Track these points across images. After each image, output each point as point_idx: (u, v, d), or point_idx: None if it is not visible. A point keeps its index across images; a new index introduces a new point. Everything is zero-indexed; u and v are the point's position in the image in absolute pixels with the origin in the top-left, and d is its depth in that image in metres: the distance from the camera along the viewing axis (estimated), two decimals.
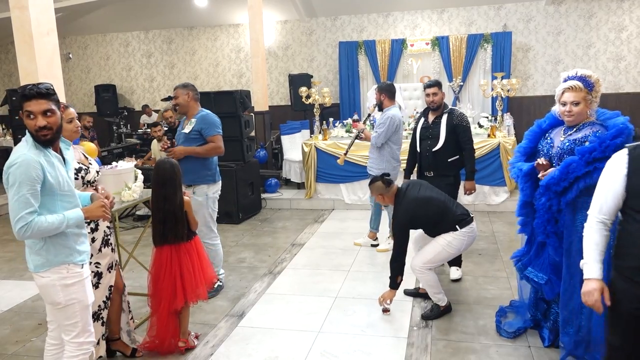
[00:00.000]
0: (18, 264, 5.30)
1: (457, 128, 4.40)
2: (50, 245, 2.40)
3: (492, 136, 6.70)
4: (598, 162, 2.78)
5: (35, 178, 2.28)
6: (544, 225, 3.07)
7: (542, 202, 3.03)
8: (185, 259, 3.38)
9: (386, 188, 3.82)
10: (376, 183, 3.86)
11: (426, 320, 3.77)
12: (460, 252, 3.88)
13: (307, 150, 7.23)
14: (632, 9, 9.73)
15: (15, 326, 3.97)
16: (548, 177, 2.97)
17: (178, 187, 3.38)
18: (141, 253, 4.94)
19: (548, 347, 3.29)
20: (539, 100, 10.22)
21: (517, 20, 10.17)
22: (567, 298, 3.06)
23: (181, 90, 4.28)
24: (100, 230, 3.14)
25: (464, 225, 3.68)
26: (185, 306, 3.43)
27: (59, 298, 2.43)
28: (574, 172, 2.86)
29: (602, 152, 2.77)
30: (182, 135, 4.31)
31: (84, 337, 2.51)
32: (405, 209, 3.69)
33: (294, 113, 10.36)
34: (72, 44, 12.58)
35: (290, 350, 3.43)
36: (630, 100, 9.80)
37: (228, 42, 11.72)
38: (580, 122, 3.02)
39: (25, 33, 4.37)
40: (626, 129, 2.81)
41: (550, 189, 2.97)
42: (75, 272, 2.45)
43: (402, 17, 10.67)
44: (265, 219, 6.92)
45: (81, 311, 2.49)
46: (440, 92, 4.47)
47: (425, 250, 3.78)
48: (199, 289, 3.41)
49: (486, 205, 6.76)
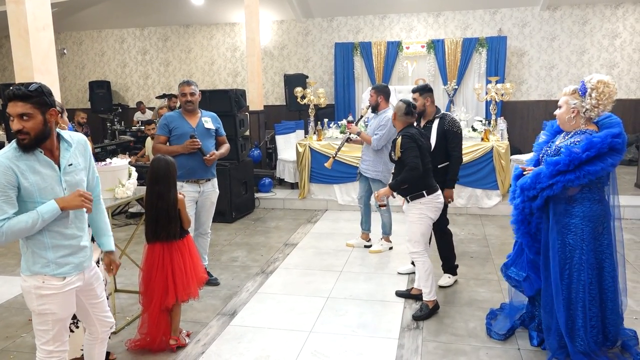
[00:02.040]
0: (9, 259, 5.28)
1: (447, 133, 4.28)
2: (29, 253, 2.34)
3: (486, 140, 6.74)
4: (561, 175, 2.89)
5: (6, 184, 2.19)
6: (519, 224, 3.21)
7: (517, 203, 3.17)
8: (176, 257, 3.38)
9: (405, 114, 3.88)
10: (401, 104, 3.91)
11: (417, 321, 3.80)
12: (434, 219, 3.90)
13: (301, 151, 7.24)
14: (625, 16, 9.82)
15: (5, 322, 3.95)
16: (522, 181, 3.11)
17: (172, 185, 3.38)
18: (133, 250, 4.93)
19: (537, 346, 3.32)
20: (533, 105, 10.30)
21: (512, 25, 10.24)
22: (546, 302, 3.14)
23: (196, 89, 4.37)
24: None
25: (430, 192, 3.81)
26: (177, 304, 3.42)
27: (32, 305, 2.36)
28: (540, 182, 2.98)
29: (567, 165, 2.87)
30: (204, 131, 4.36)
31: (54, 346, 2.41)
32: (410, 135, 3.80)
33: (289, 113, 10.37)
34: (66, 40, 12.52)
35: (281, 349, 3.44)
36: (622, 106, 9.86)
37: (224, 40, 11.71)
38: (573, 129, 3.04)
39: (21, 27, 4.34)
40: (599, 143, 2.84)
41: (524, 192, 3.09)
42: (51, 284, 2.34)
43: (398, 19, 10.71)
44: (259, 219, 6.92)
45: (54, 322, 2.38)
46: (420, 99, 4.32)
47: (408, 229, 3.89)
48: (191, 287, 3.41)
49: (478, 209, 6.80)
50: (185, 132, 4.29)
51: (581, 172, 2.85)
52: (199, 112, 4.41)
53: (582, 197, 2.99)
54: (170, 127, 4.33)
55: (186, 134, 4.27)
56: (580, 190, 2.97)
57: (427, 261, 3.86)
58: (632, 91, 10.01)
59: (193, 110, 4.37)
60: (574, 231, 3.01)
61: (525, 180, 3.08)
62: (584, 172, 2.84)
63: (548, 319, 3.14)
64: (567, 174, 2.87)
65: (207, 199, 4.42)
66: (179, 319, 3.51)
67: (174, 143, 4.33)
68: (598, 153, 2.83)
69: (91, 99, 11.79)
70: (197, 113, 4.39)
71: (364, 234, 5.54)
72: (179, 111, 4.41)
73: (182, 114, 4.37)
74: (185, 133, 4.28)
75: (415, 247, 3.85)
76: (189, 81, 4.35)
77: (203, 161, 4.29)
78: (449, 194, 4.33)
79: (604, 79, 2.91)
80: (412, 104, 3.96)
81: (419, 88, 4.41)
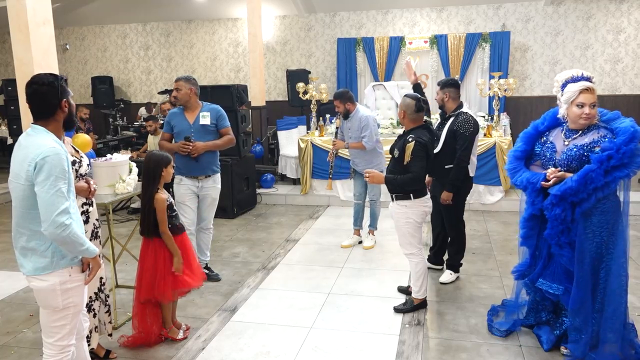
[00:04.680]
0: (11, 254, 5.27)
1: (456, 134, 4.10)
2: (54, 249, 2.33)
3: (488, 135, 6.71)
4: (617, 170, 2.72)
5: (66, 171, 2.27)
6: (558, 236, 2.94)
7: (556, 213, 2.89)
8: (151, 255, 3.33)
9: (415, 112, 3.59)
10: (409, 101, 3.60)
11: (396, 312, 3.81)
12: (422, 222, 3.75)
13: (303, 146, 7.23)
14: (630, 11, 9.74)
15: (6, 317, 3.96)
16: (563, 187, 2.84)
17: (151, 180, 3.30)
18: (134, 246, 4.92)
19: (547, 351, 3.23)
20: (536, 100, 10.24)
21: (516, 20, 10.17)
22: (579, 306, 2.98)
23: (184, 84, 4.26)
24: (90, 223, 3.12)
25: (417, 196, 3.62)
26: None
27: (57, 302, 2.35)
28: (592, 182, 2.75)
29: (620, 159, 2.70)
30: (200, 128, 4.29)
31: (68, 340, 2.44)
32: (424, 143, 3.53)
33: (291, 109, 10.34)
34: (69, 35, 12.51)
35: (282, 345, 3.43)
36: (627, 102, 9.83)
37: (226, 36, 11.68)
38: (585, 126, 2.94)
39: (21, 22, 4.33)
40: (636, 132, 2.75)
41: (565, 200, 2.84)
42: (77, 276, 2.40)
43: (401, 14, 10.66)
44: (260, 214, 6.91)
45: (73, 316, 2.43)
46: (440, 93, 4.20)
47: (398, 237, 3.80)
48: (161, 289, 3.30)
49: (481, 205, 6.77)
50: (183, 129, 4.29)
51: (634, 165, 2.73)
52: (199, 107, 4.38)
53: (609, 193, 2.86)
54: (171, 123, 4.35)
55: (184, 131, 4.28)
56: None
57: (420, 262, 3.76)
58: (637, 86, 9.94)
59: (182, 105, 4.34)
60: (606, 227, 2.87)
61: (570, 185, 2.81)
62: (636, 165, 2.73)
63: (579, 323, 2.99)
64: (622, 169, 2.71)
65: (208, 194, 4.40)
66: (170, 312, 3.50)
67: (176, 139, 4.36)
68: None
69: (93, 94, 11.78)
70: (196, 108, 4.37)
71: (356, 230, 5.52)
72: (182, 107, 4.40)
73: (184, 110, 4.37)
74: (183, 130, 4.29)
75: (408, 249, 3.76)
76: (178, 77, 4.32)
77: (198, 159, 4.25)
78: (447, 197, 4.17)
79: (587, 73, 2.93)
80: (420, 98, 3.64)
81: (441, 82, 4.25)
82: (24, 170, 2.25)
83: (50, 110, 2.35)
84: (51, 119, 2.36)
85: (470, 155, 4.19)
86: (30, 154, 2.24)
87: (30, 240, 2.33)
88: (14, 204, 2.36)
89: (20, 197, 2.29)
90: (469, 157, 4.18)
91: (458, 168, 4.14)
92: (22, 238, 2.36)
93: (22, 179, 2.26)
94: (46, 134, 2.32)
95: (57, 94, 2.34)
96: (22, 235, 2.36)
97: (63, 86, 2.38)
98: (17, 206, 2.33)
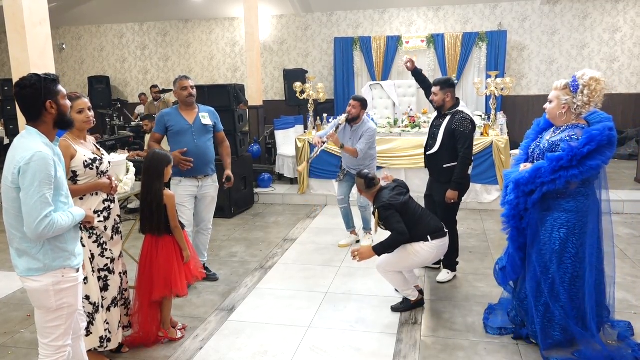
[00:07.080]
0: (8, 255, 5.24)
1: (455, 133, 4.09)
2: (49, 249, 2.32)
3: (485, 135, 6.72)
4: (564, 170, 2.90)
5: (52, 176, 2.24)
6: (509, 218, 3.21)
7: (510, 199, 3.15)
8: (163, 252, 3.34)
9: (367, 188, 3.82)
10: (360, 180, 3.84)
11: (393, 311, 3.83)
12: (426, 263, 3.82)
13: (300, 146, 7.23)
14: (626, 10, 9.77)
15: (3, 317, 3.95)
16: (519, 175, 3.07)
17: (156, 178, 3.32)
18: (132, 246, 4.93)
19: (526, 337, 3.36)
20: (533, 99, 10.27)
21: (513, 19, 10.20)
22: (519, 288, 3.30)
23: (192, 83, 4.35)
24: (112, 219, 3.14)
25: (435, 237, 3.66)
26: (167, 297, 3.41)
27: (50, 303, 2.35)
28: (540, 177, 2.98)
29: (569, 161, 2.87)
30: (201, 127, 4.31)
31: (63, 340, 2.43)
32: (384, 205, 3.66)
33: (288, 108, 10.35)
34: (65, 35, 12.49)
35: (279, 345, 3.44)
36: (623, 101, 9.87)
37: (223, 35, 11.67)
38: (564, 123, 3.07)
39: (17, 22, 4.32)
40: (599, 135, 2.86)
41: (519, 188, 3.07)
42: (70, 277, 2.39)
43: (398, 13, 10.67)
44: (258, 214, 6.91)
45: (68, 316, 2.42)
46: (440, 93, 4.17)
47: (392, 254, 3.70)
48: (177, 284, 3.33)
49: (478, 204, 6.79)
50: (182, 129, 4.26)
51: (584, 167, 2.87)
52: (196, 108, 4.39)
53: (577, 191, 3.02)
54: (167, 124, 4.29)
55: (184, 130, 4.25)
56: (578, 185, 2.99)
57: (393, 274, 3.76)
58: (633, 85, 9.98)
59: (193, 104, 4.35)
60: (566, 225, 3.04)
61: (523, 175, 3.05)
62: (586, 167, 2.87)
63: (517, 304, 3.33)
64: (570, 169, 2.89)
65: (207, 193, 4.40)
66: (169, 312, 3.50)
67: (172, 140, 4.31)
68: (598, 146, 2.86)
69: (90, 94, 11.75)
70: (194, 108, 4.37)
71: (352, 231, 5.54)
72: (176, 107, 4.38)
73: (179, 110, 4.34)
74: (183, 129, 4.26)
75: (384, 267, 3.75)
76: (187, 76, 4.34)
77: (199, 159, 4.24)
78: (453, 195, 4.17)
79: (595, 75, 2.92)
80: (368, 177, 3.81)
81: (441, 81, 4.22)
82: (10, 173, 2.25)
83: (35, 112, 2.30)
84: (39, 120, 2.32)
85: (472, 152, 4.25)
86: (16, 157, 2.24)
87: (22, 242, 2.33)
88: (4, 205, 2.34)
89: (10, 199, 2.29)
90: (472, 154, 4.25)
91: (463, 166, 4.16)
92: (15, 239, 2.36)
93: (9, 181, 2.26)
94: (37, 136, 2.30)
95: (41, 95, 2.28)
96: (15, 237, 2.36)
97: (48, 87, 2.30)
98: (9, 208, 2.32)
